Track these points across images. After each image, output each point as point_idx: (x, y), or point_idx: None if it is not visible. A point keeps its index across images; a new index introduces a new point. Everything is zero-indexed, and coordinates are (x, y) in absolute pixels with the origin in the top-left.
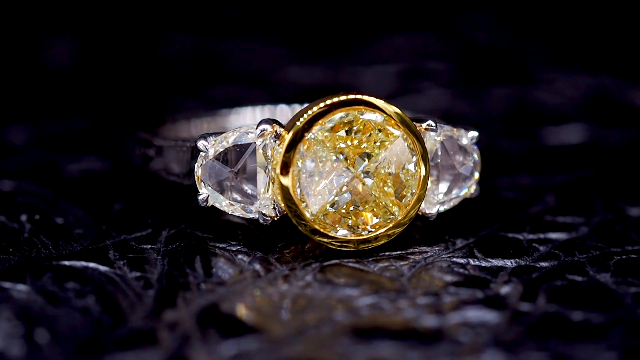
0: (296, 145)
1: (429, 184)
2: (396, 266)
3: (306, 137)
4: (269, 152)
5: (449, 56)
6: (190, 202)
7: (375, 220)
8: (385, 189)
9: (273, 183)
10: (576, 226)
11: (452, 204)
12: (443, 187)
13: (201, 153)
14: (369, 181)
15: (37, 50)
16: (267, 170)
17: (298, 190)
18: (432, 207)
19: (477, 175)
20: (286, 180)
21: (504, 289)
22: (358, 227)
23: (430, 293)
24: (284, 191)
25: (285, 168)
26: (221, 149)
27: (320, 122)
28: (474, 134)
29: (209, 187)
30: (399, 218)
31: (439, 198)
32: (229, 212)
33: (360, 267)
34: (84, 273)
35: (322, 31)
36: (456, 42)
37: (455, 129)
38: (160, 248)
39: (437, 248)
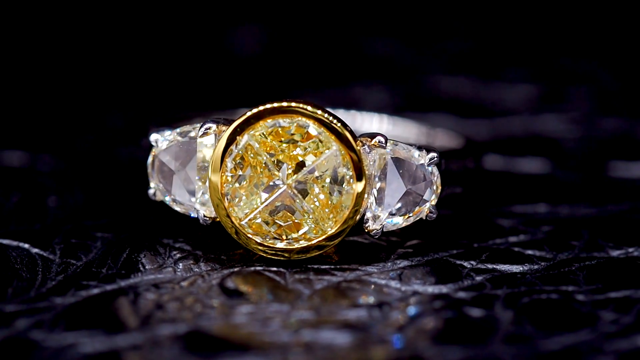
0: (228, 147)
1: (372, 200)
2: (312, 279)
3: (240, 140)
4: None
5: (599, 82)
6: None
7: (307, 232)
8: (322, 199)
9: None
10: (535, 260)
11: (402, 223)
12: (390, 205)
13: (153, 147)
14: (302, 192)
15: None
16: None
17: (229, 194)
18: (376, 224)
19: (434, 196)
20: (216, 178)
21: (393, 315)
22: (289, 237)
23: (312, 309)
24: (214, 192)
25: (215, 168)
26: (170, 144)
27: (257, 126)
28: (432, 155)
29: (159, 182)
30: (331, 232)
31: (385, 215)
32: (174, 209)
33: (274, 277)
34: (4, 252)
35: (491, 46)
36: (618, 69)
37: (414, 149)
38: (107, 237)
39: (372, 267)
